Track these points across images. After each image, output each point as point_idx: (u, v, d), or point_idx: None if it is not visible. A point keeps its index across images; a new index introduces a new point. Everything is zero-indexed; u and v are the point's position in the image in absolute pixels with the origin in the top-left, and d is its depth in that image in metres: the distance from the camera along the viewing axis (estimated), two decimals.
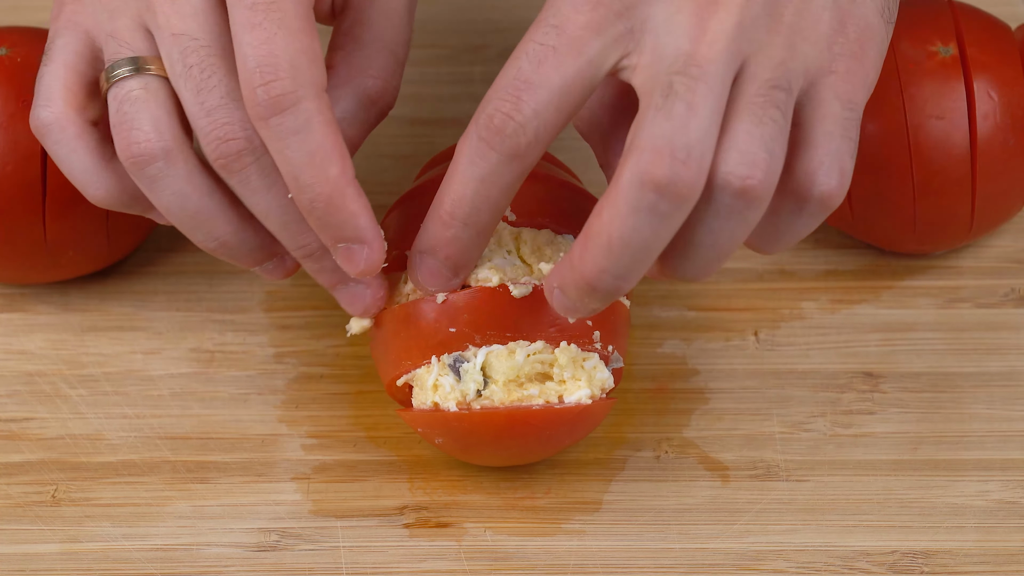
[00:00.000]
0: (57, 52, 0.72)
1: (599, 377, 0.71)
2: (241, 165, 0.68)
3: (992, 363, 0.80)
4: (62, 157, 0.71)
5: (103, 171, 0.71)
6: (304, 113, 0.66)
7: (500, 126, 0.65)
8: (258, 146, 0.68)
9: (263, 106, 0.66)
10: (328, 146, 0.67)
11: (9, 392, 0.79)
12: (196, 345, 0.81)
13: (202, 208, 0.70)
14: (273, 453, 0.77)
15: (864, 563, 0.73)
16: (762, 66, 0.64)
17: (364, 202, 0.68)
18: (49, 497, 0.76)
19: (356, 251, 0.69)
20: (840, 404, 0.78)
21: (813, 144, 0.65)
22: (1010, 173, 0.80)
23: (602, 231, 0.64)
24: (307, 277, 0.83)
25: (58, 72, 0.71)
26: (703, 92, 0.63)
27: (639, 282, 0.81)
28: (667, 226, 0.63)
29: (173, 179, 0.69)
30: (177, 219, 0.70)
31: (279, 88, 0.66)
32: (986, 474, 0.76)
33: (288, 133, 0.66)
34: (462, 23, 0.95)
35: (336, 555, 0.74)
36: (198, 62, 0.68)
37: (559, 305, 0.67)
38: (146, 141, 0.68)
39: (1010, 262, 0.84)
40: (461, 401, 0.71)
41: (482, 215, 0.67)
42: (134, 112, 0.69)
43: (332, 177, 0.67)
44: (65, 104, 0.71)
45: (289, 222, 0.69)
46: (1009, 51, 0.80)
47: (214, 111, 0.68)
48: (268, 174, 0.68)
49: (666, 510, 0.75)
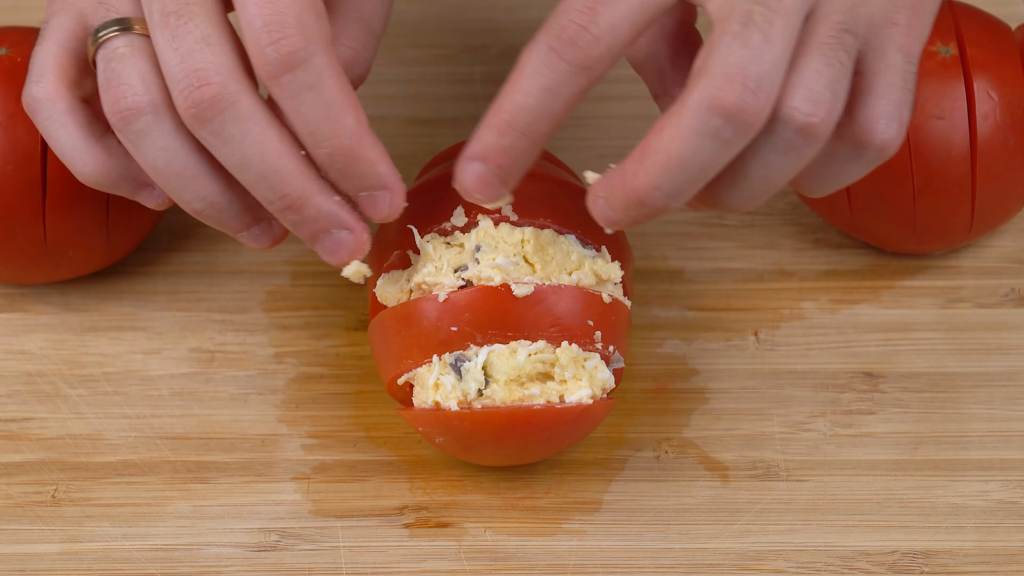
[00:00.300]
0: (51, 32, 0.72)
1: (600, 377, 0.71)
2: (214, 112, 0.66)
3: (992, 363, 0.80)
4: (52, 133, 0.71)
5: (93, 147, 0.71)
6: (315, 68, 0.66)
7: (574, 37, 0.64)
8: (231, 92, 0.67)
9: (274, 64, 0.65)
10: (342, 98, 0.66)
11: (9, 392, 0.79)
12: (196, 345, 0.81)
13: (189, 164, 0.69)
14: (273, 453, 0.77)
15: (864, 563, 0.73)
16: (834, 7, 0.65)
17: (381, 149, 0.68)
18: (49, 497, 0.76)
19: (379, 197, 0.69)
20: (840, 404, 0.79)
21: (876, 93, 0.66)
22: (1010, 173, 0.80)
23: (661, 148, 0.64)
24: (307, 277, 0.84)
25: (50, 50, 0.71)
26: (780, 25, 0.63)
27: (639, 282, 0.81)
28: (727, 152, 0.64)
29: (160, 134, 0.68)
30: (164, 177, 0.69)
31: (288, 45, 0.65)
32: (986, 474, 0.76)
33: (302, 89, 0.66)
34: (462, 23, 0.95)
35: (336, 555, 0.74)
36: (175, 9, 0.67)
37: (601, 214, 0.67)
38: (133, 95, 0.68)
39: (1010, 262, 0.84)
40: (462, 400, 0.71)
41: (541, 125, 0.66)
42: (121, 68, 0.69)
43: (349, 128, 0.67)
44: (56, 80, 0.71)
45: (267, 172, 0.68)
46: (1009, 51, 0.80)
47: (188, 56, 0.67)
48: (243, 122, 0.67)
49: (666, 510, 0.75)
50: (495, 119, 0.66)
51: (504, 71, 0.93)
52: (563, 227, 0.73)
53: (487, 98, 0.91)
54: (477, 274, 0.71)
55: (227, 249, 0.85)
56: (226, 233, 0.71)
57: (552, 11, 0.65)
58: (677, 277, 0.83)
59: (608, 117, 0.90)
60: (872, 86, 0.66)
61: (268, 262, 0.84)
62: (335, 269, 0.83)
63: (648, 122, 0.90)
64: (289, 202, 0.68)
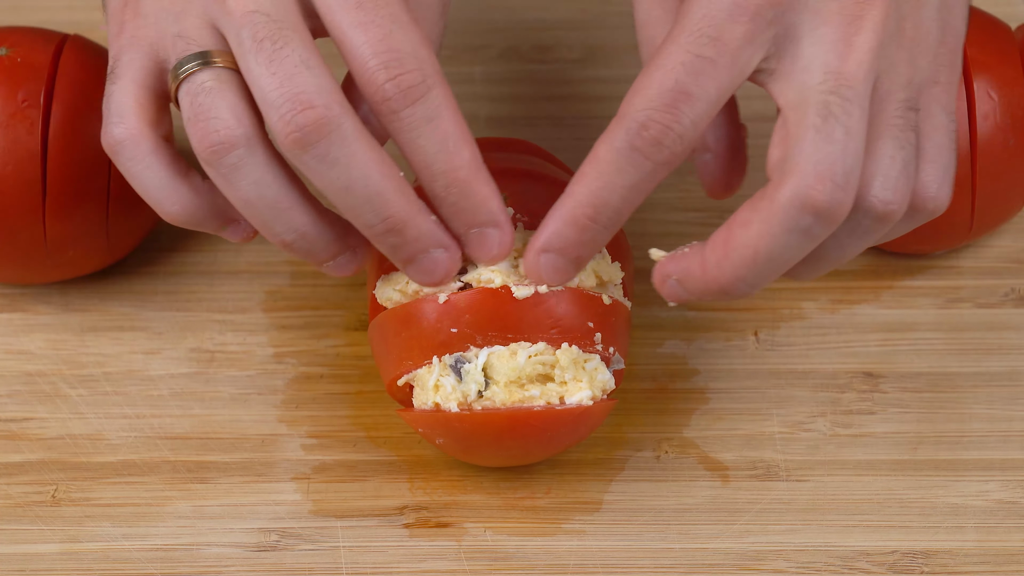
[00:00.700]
0: (124, 69, 0.70)
1: (600, 378, 0.71)
2: (320, 135, 0.65)
3: (992, 363, 0.80)
4: (136, 174, 0.70)
5: (180, 186, 0.70)
6: (434, 101, 0.66)
7: (658, 137, 0.65)
8: (336, 115, 0.66)
9: (395, 100, 0.66)
10: (459, 132, 0.67)
11: (9, 392, 0.79)
12: (196, 345, 0.81)
13: (282, 196, 0.68)
14: (273, 453, 0.77)
15: (864, 563, 0.73)
16: (896, 84, 0.66)
17: (494, 186, 0.68)
18: (49, 497, 0.76)
19: (489, 235, 0.69)
20: (840, 404, 0.79)
21: (928, 158, 0.67)
22: (1010, 173, 0.80)
23: (749, 244, 0.65)
24: (307, 277, 0.84)
25: (128, 88, 0.70)
26: (858, 116, 0.64)
27: (639, 282, 0.81)
28: (812, 245, 0.65)
29: (253, 167, 0.67)
30: (256, 211, 0.68)
31: (409, 80, 0.65)
32: (986, 474, 0.76)
33: (421, 123, 0.66)
34: (462, 23, 0.95)
35: (336, 555, 0.74)
36: (269, 35, 0.66)
37: (671, 294, 0.68)
38: (225, 129, 0.67)
39: (1010, 262, 0.84)
40: (462, 402, 0.71)
41: (622, 218, 0.67)
42: (210, 102, 0.67)
43: (466, 162, 0.67)
44: (138, 120, 0.69)
45: (371, 195, 0.67)
46: (1009, 51, 0.80)
47: (287, 80, 0.66)
48: (348, 144, 0.66)
49: (666, 510, 0.75)
50: (577, 213, 0.67)
51: (504, 71, 0.94)
52: None
53: (487, 98, 0.92)
54: (477, 277, 0.71)
55: (227, 249, 0.85)
56: (311, 264, 0.71)
57: (628, 96, 0.66)
58: None
59: (608, 117, 0.89)
60: (924, 151, 0.67)
61: (268, 262, 0.84)
62: None
63: None
64: (392, 224, 0.67)
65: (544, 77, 0.92)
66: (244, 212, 0.68)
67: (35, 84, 0.78)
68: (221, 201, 0.70)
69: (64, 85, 0.78)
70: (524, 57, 0.93)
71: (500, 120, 0.90)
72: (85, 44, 0.81)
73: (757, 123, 0.90)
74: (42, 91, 0.78)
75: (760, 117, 0.89)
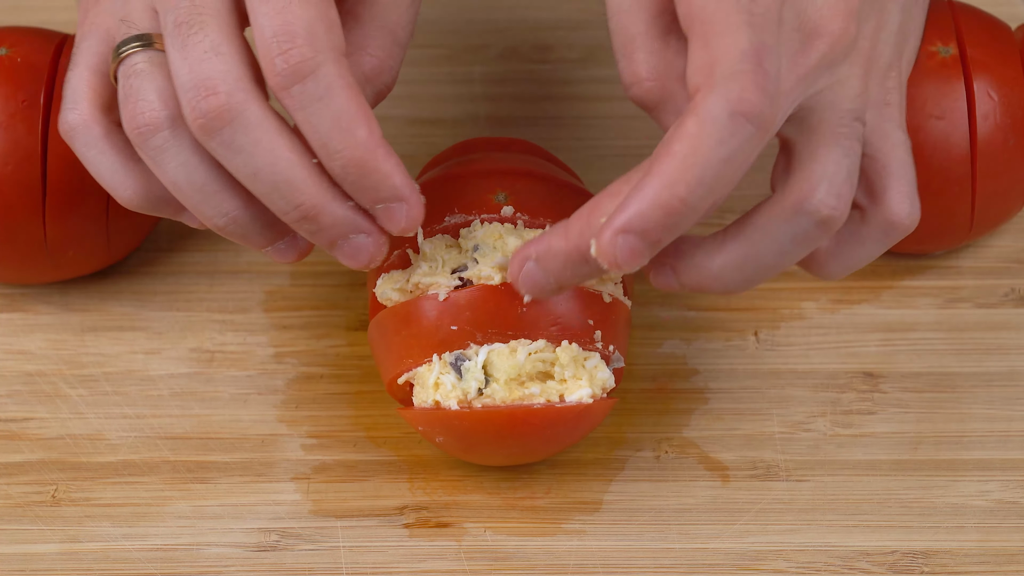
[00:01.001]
0: (81, 55, 0.71)
1: (600, 376, 0.71)
2: (222, 122, 0.66)
3: (992, 363, 0.80)
4: (90, 159, 0.71)
5: (132, 171, 0.71)
6: (325, 79, 0.65)
7: (757, 98, 0.62)
8: (239, 102, 0.66)
9: (283, 75, 0.65)
10: (353, 110, 0.66)
11: (9, 392, 0.79)
12: (196, 345, 0.81)
13: (209, 180, 0.68)
14: (273, 453, 0.77)
15: (864, 563, 0.73)
16: (844, 96, 0.66)
17: (396, 160, 0.67)
18: (49, 497, 0.76)
19: (395, 209, 0.68)
20: (840, 404, 0.79)
21: (894, 175, 0.68)
22: (1010, 173, 0.80)
23: (755, 246, 0.66)
24: (307, 277, 0.84)
25: (83, 75, 0.71)
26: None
27: (639, 282, 0.81)
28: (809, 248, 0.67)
29: (178, 150, 0.68)
30: (184, 194, 0.69)
31: (298, 55, 0.65)
32: (986, 474, 0.76)
33: (311, 100, 0.65)
34: (462, 23, 0.95)
35: (336, 555, 0.74)
36: (187, 19, 0.67)
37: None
38: (150, 111, 0.68)
39: (1010, 262, 0.84)
40: (462, 400, 0.71)
41: (714, 198, 0.63)
42: (139, 84, 0.68)
43: (361, 140, 0.66)
44: (91, 105, 0.70)
45: (279, 182, 0.67)
46: (1009, 51, 0.80)
47: (196, 65, 0.66)
48: (252, 131, 0.66)
49: (666, 510, 0.75)
50: (666, 194, 0.62)
51: (504, 71, 0.94)
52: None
53: (487, 98, 0.92)
54: (477, 274, 0.71)
55: (227, 249, 0.85)
56: (251, 248, 0.71)
57: (700, 71, 0.63)
58: None
59: (608, 117, 0.90)
60: (888, 169, 0.68)
61: (268, 262, 0.84)
62: (335, 269, 0.84)
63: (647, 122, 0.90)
64: (304, 212, 0.67)
65: (544, 77, 0.92)
66: (175, 194, 0.69)
67: (35, 84, 0.78)
68: None
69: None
70: (524, 57, 0.93)
71: (500, 120, 0.90)
72: None
73: None
74: (42, 91, 0.78)
75: None
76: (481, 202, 0.74)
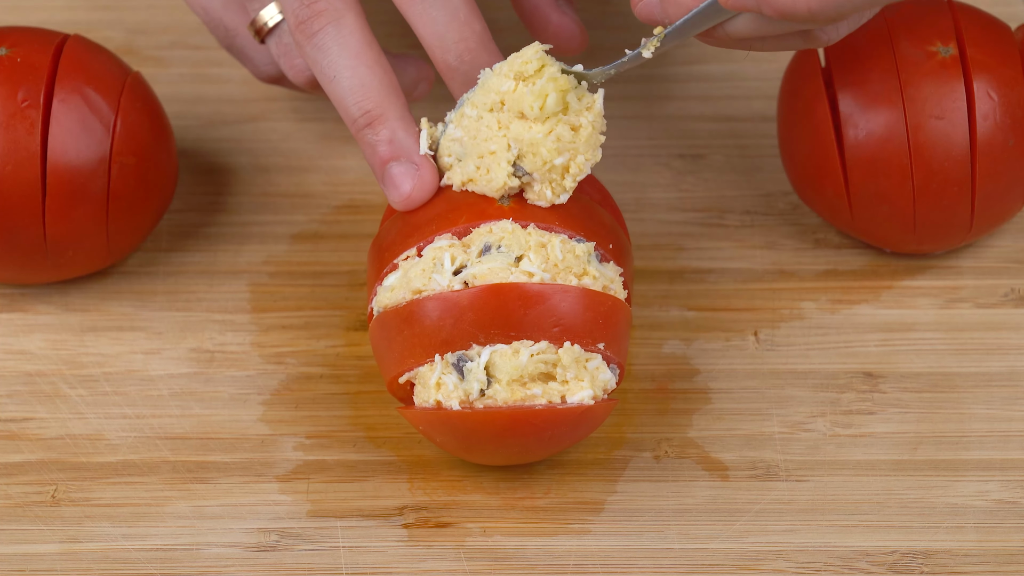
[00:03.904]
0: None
1: (602, 378, 0.71)
2: (319, 25, 0.72)
3: (992, 363, 0.80)
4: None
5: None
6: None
7: None
8: (337, 9, 0.72)
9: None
10: (468, 6, 0.72)
11: (9, 392, 0.79)
12: (196, 345, 0.81)
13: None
14: (273, 453, 0.77)
15: (864, 563, 0.73)
16: None
17: (500, 55, 0.73)
18: (49, 497, 0.76)
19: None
20: (840, 404, 0.79)
21: None
22: (1010, 173, 0.80)
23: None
24: (307, 278, 0.84)
25: None
26: None
27: (638, 281, 0.81)
28: None
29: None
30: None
31: None
32: (986, 474, 0.76)
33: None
34: None
35: (336, 555, 0.74)
36: None
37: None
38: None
39: (1010, 262, 0.84)
40: (464, 400, 0.71)
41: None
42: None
43: (478, 32, 0.72)
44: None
45: (355, 86, 0.72)
46: (1009, 51, 0.80)
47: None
48: (343, 36, 0.72)
49: (666, 510, 0.75)
50: None
51: None
52: (565, 229, 0.73)
53: None
54: (479, 274, 0.71)
55: (227, 249, 0.85)
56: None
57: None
58: (677, 277, 0.83)
59: (608, 117, 0.90)
60: None
61: (268, 262, 0.84)
62: (335, 270, 0.84)
63: (647, 122, 0.90)
64: (371, 117, 0.72)
65: None
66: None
67: (35, 84, 0.78)
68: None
69: (64, 85, 0.78)
70: None
71: None
72: (85, 44, 0.81)
73: (757, 123, 0.90)
74: (42, 91, 0.78)
75: (760, 117, 0.89)
76: (486, 203, 0.73)
